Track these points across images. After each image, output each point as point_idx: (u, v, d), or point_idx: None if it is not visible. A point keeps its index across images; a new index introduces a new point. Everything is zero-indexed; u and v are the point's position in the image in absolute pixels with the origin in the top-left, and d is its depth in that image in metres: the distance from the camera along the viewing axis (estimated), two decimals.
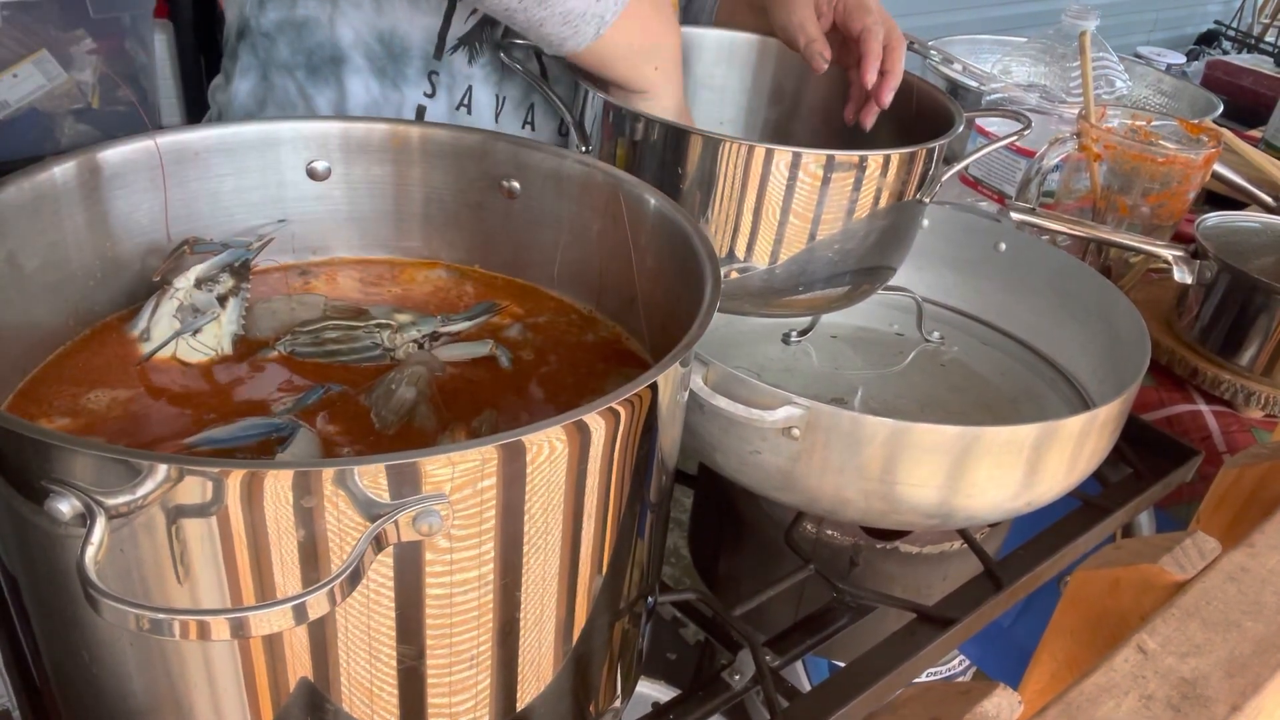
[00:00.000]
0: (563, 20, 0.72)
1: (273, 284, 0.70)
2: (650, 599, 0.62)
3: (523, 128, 0.91)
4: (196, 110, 1.87)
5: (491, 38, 0.86)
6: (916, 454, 0.67)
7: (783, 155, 0.71)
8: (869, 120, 0.86)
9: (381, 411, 0.58)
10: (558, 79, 0.88)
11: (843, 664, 0.70)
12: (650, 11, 0.76)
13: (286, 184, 0.69)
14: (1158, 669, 0.48)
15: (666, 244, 0.64)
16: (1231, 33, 3.33)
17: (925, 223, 0.90)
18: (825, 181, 0.72)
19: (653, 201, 0.65)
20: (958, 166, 0.81)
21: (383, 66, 0.86)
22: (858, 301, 0.84)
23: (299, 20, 0.85)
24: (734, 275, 0.77)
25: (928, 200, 0.79)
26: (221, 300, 0.63)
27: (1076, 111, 1.16)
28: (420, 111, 0.88)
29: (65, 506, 0.40)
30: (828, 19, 0.87)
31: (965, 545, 0.81)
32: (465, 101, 0.88)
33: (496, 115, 0.89)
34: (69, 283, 0.61)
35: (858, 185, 0.73)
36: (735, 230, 0.75)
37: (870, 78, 0.83)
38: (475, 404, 0.61)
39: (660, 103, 0.78)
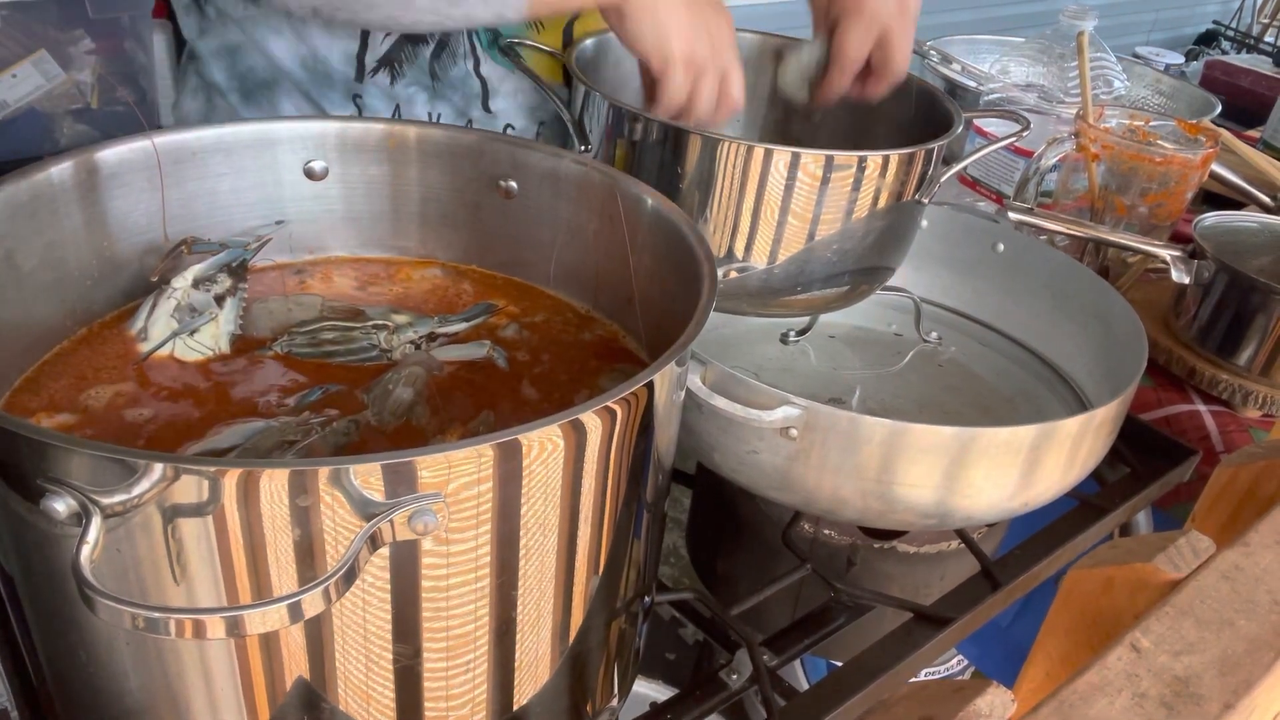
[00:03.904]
0: (484, 3, 0.71)
1: (269, 283, 0.70)
2: (647, 598, 0.62)
3: None
4: None
5: (414, 56, 0.86)
6: (914, 454, 0.67)
7: (782, 155, 0.71)
8: (831, 95, 0.85)
9: (379, 411, 0.58)
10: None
11: (840, 663, 0.70)
12: None
13: (284, 184, 0.69)
14: (1151, 667, 0.49)
15: (663, 243, 0.64)
16: (1230, 33, 3.33)
17: (924, 223, 0.90)
18: (824, 182, 0.72)
19: (649, 201, 0.65)
20: (957, 167, 0.81)
21: (308, 90, 0.88)
22: (856, 302, 0.84)
23: (231, 45, 0.88)
24: (732, 275, 0.77)
25: (926, 201, 0.79)
26: (219, 300, 0.64)
27: (1074, 111, 1.16)
28: None
29: (61, 505, 0.40)
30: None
31: (963, 545, 0.81)
32: None
33: None
34: (67, 282, 0.61)
35: (857, 186, 0.73)
36: (734, 230, 0.75)
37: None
38: (473, 403, 0.61)
39: (650, 14, 0.73)
